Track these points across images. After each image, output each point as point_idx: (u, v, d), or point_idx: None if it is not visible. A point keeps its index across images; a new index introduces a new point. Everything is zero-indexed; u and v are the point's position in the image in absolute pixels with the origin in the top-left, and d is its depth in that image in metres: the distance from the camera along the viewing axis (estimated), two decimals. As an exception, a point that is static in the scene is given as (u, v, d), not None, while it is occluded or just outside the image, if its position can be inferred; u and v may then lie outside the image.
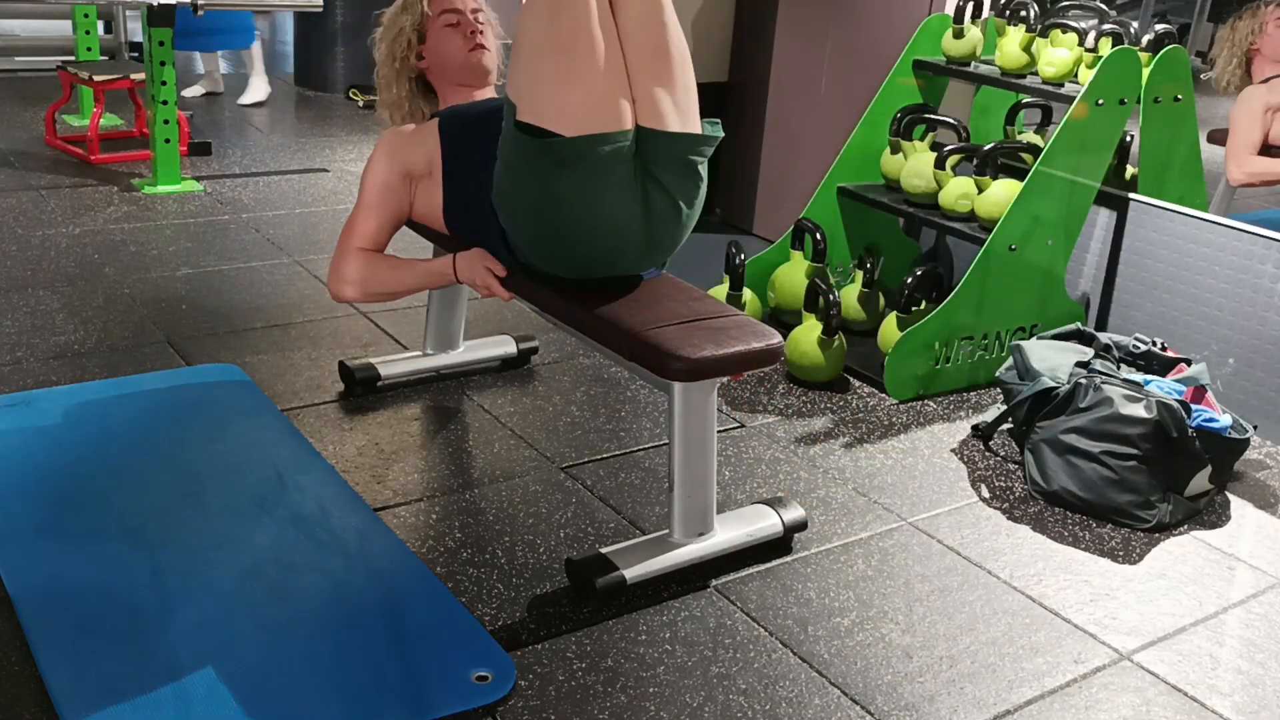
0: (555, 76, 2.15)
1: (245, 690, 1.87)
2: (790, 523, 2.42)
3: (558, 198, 2.20)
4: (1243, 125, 3.72)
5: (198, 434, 2.68)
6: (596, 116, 2.15)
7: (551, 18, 2.14)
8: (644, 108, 2.21)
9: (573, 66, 2.15)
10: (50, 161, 4.94)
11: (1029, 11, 3.49)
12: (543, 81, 2.16)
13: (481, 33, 2.65)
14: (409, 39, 2.66)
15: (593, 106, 2.16)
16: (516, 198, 2.26)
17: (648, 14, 2.19)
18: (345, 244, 2.54)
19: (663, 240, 2.31)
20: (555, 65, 2.15)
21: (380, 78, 2.73)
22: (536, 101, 2.16)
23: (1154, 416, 2.59)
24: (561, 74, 2.15)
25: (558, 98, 2.15)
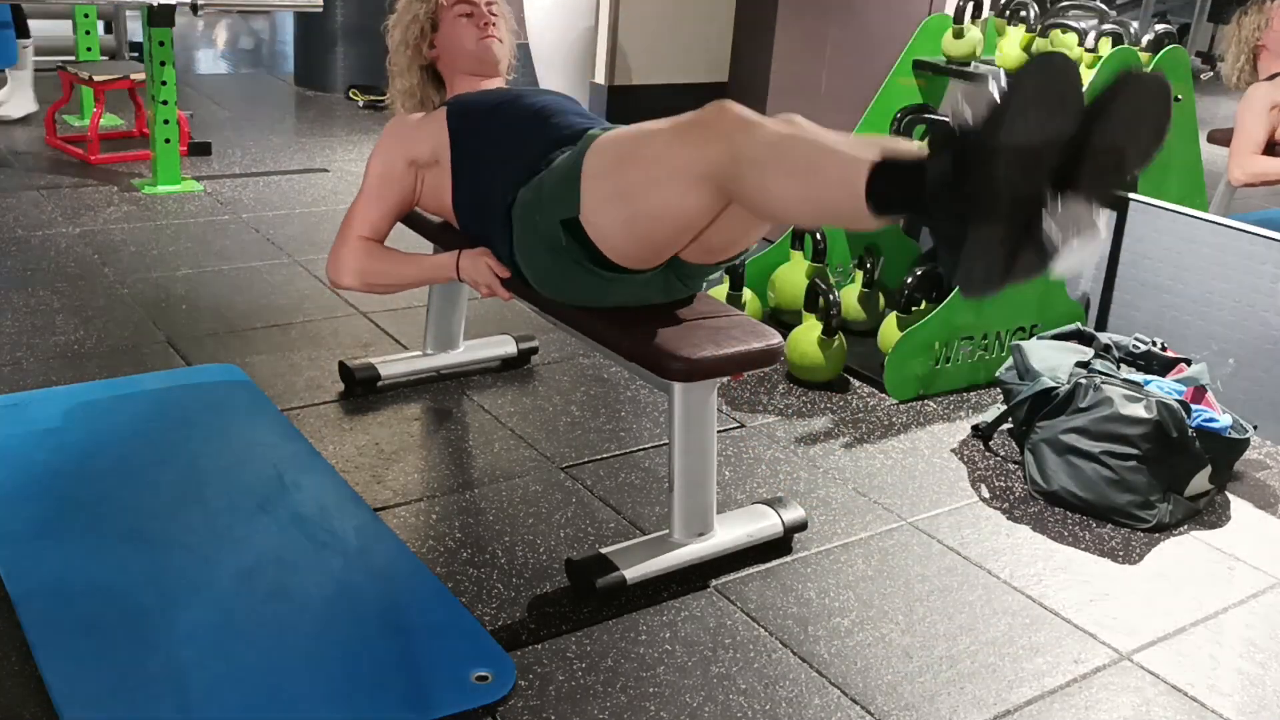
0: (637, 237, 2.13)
1: (245, 690, 1.87)
2: (790, 523, 2.42)
3: (577, 280, 2.24)
4: (1247, 124, 3.72)
5: (198, 434, 2.68)
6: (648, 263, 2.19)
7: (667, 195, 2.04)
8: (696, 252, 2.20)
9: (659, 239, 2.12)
10: (50, 161, 4.94)
11: (1029, 11, 3.49)
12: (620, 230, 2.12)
13: (494, 24, 2.67)
14: (422, 26, 2.67)
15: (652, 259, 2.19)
16: (534, 253, 2.29)
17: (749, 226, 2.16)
18: (346, 231, 2.55)
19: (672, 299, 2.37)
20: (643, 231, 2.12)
21: (392, 65, 2.74)
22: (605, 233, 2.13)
23: (1154, 416, 2.59)
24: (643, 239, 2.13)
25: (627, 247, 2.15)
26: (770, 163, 1.90)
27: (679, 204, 2.04)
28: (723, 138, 1.94)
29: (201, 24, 9.16)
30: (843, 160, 1.83)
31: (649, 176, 2.05)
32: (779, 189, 1.91)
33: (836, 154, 1.85)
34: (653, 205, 2.06)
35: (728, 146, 1.93)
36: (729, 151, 1.93)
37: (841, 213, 1.92)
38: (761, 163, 1.91)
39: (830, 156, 1.85)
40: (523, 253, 2.32)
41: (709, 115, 1.99)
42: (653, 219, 2.08)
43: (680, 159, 2.00)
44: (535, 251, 2.28)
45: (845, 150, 1.85)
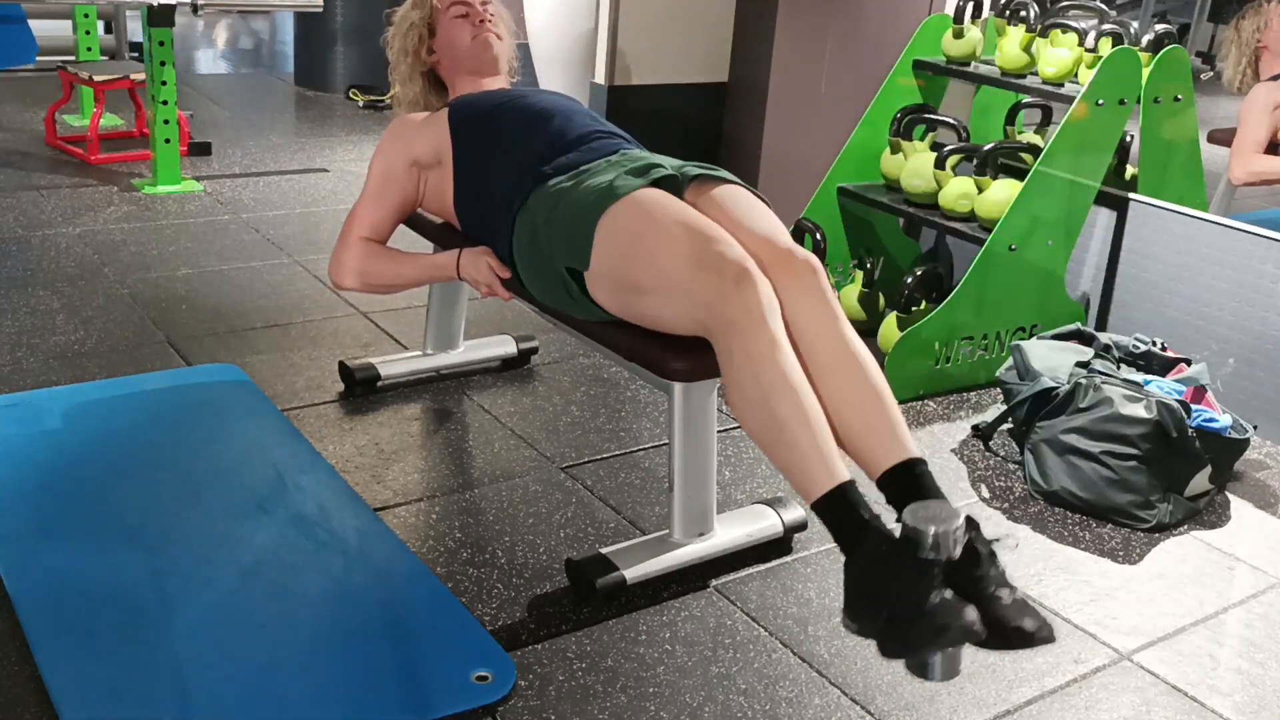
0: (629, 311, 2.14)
1: (245, 690, 1.87)
2: (790, 523, 2.42)
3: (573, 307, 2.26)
4: (1250, 123, 3.73)
5: (198, 434, 2.68)
6: None
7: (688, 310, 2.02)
8: None
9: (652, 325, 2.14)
10: (50, 161, 4.94)
11: (1029, 11, 3.49)
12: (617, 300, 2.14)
13: (489, 21, 2.69)
14: (420, 33, 2.69)
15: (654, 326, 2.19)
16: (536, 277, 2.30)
17: None
18: (347, 232, 2.55)
19: None
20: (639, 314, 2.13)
21: (395, 74, 2.76)
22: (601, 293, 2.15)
23: (1154, 416, 2.59)
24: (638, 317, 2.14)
25: (619, 312, 2.16)
26: (749, 390, 1.89)
27: (669, 320, 2.07)
28: (727, 310, 1.92)
29: (201, 24, 9.16)
30: (814, 459, 1.83)
31: (651, 284, 2.05)
32: (745, 415, 1.92)
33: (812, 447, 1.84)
34: (646, 307, 2.09)
35: (727, 324, 1.92)
36: (725, 330, 1.93)
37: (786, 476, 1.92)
38: (738, 380, 1.91)
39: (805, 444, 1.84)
40: (523, 262, 2.32)
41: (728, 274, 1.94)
42: (644, 313, 2.11)
43: (684, 292, 2.00)
44: (535, 269, 2.29)
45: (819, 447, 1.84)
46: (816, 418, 1.87)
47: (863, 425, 1.92)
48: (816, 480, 1.82)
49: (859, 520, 1.78)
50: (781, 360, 1.89)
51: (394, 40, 2.73)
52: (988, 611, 1.67)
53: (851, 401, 1.93)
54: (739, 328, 1.90)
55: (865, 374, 1.95)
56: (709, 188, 2.20)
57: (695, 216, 2.07)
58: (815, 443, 1.84)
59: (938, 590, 1.65)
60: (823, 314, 1.98)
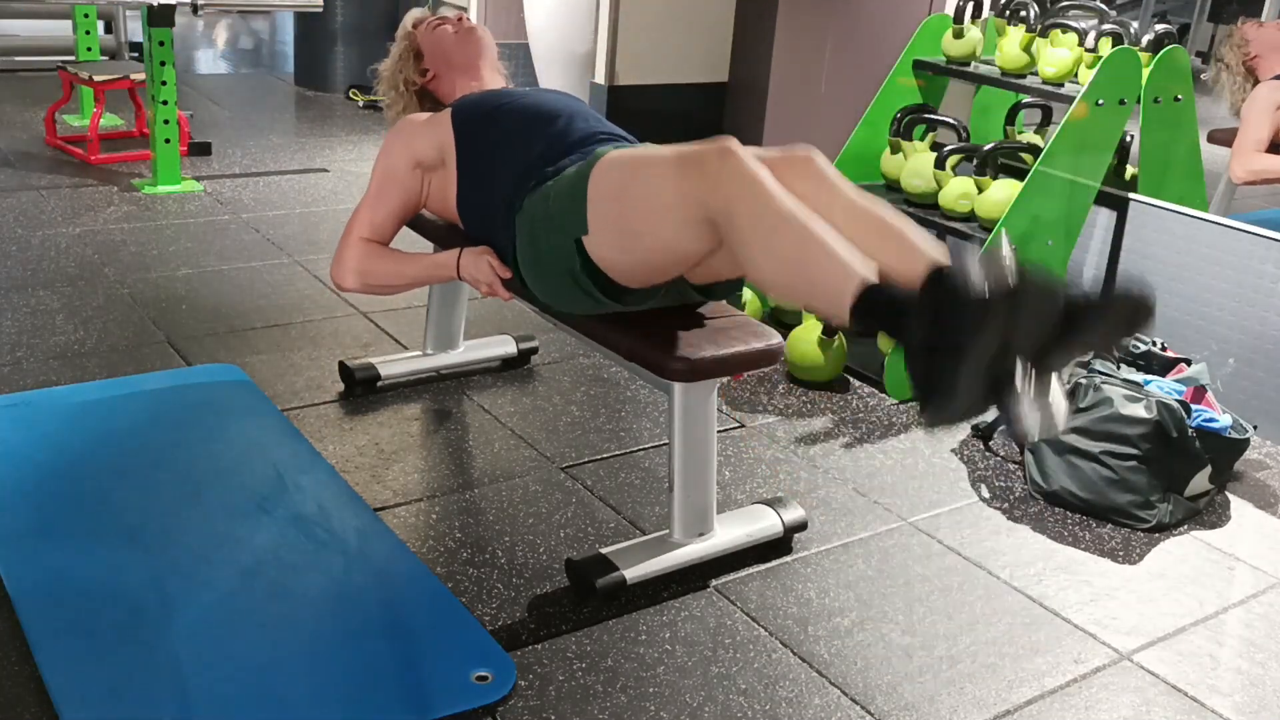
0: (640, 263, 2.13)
1: (245, 690, 1.87)
2: (790, 523, 2.42)
3: (578, 300, 2.25)
4: (1252, 122, 3.73)
5: (198, 434, 2.68)
6: (652, 284, 2.18)
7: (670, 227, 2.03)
8: (700, 274, 2.18)
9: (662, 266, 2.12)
10: (50, 161, 4.94)
11: (1029, 11, 3.49)
12: (624, 258, 2.12)
13: (466, 20, 2.81)
14: (409, 60, 2.77)
15: (656, 283, 2.18)
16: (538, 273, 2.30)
17: None
18: (349, 232, 2.56)
19: None
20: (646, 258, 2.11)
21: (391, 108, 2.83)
22: (609, 258, 2.14)
23: (1154, 416, 2.59)
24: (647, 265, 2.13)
25: (631, 272, 2.15)
26: (759, 240, 1.89)
27: (676, 237, 2.04)
28: (720, 188, 1.92)
29: (201, 24, 9.16)
30: (834, 268, 1.82)
31: (648, 207, 2.05)
32: (765, 269, 1.91)
33: (829, 257, 1.83)
34: (651, 235, 2.07)
35: (724, 199, 1.92)
36: (724, 205, 1.92)
37: (819, 311, 1.91)
38: (750, 238, 1.90)
39: (822, 258, 1.83)
40: (525, 264, 2.32)
41: (710, 157, 1.96)
42: (651, 249, 2.09)
43: (677, 196, 1.99)
44: (538, 268, 2.28)
45: (839, 255, 1.82)
46: (831, 237, 1.86)
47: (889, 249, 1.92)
48: (845, 288, 1.79)
49: (900, 299, 1.74)
50: (781, 202, 1.89)
51: (385, 79, 2.82)
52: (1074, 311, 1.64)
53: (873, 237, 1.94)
54: (734, 196, 1.91)
55: (879, 214, 1.98)
56: None
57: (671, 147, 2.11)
58: (835, 257, 1.82)
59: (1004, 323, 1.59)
60: (828, 188, 2.01)
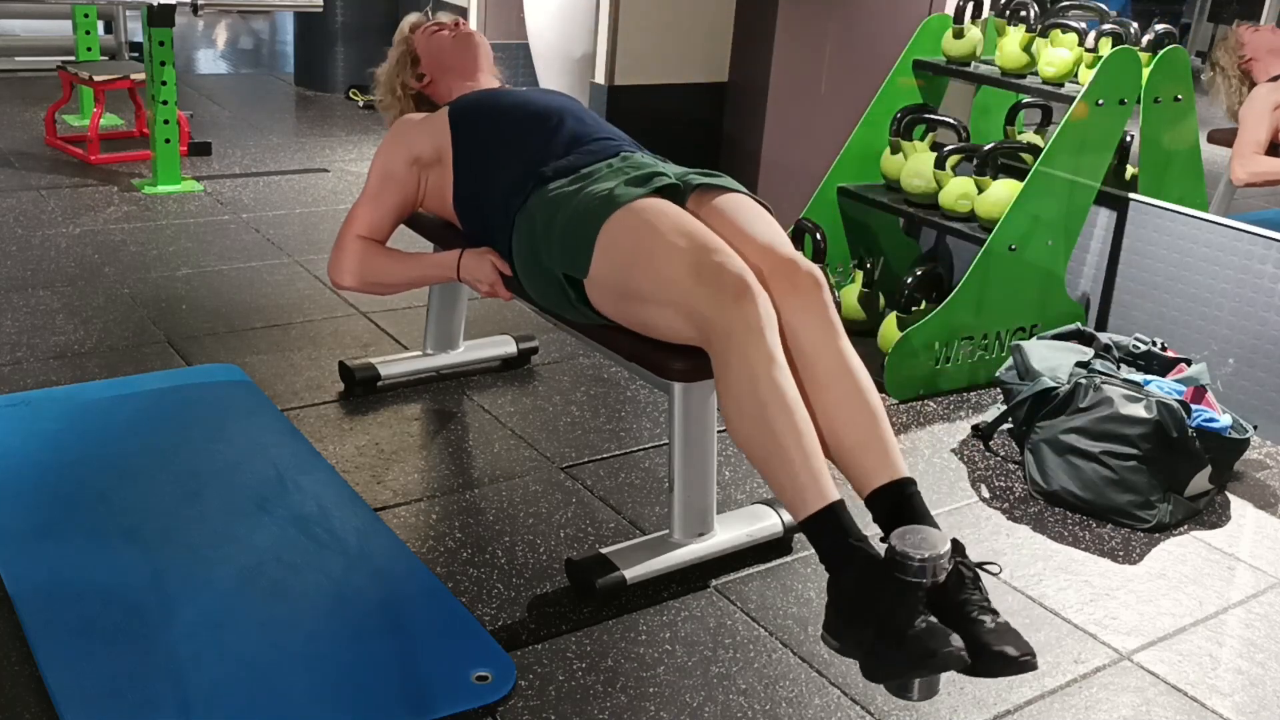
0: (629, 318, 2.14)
1: (245, 690, 1.87)
2: (790, 523, 2.42)
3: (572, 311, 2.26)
4: (1250, 123, 3.73)
5: (198, 434, 2.68)
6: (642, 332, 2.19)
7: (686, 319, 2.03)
8: None
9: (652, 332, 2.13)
10: (50, 161, 4.94)
11: (1029, 11, 3.49)
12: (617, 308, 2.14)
13: (464, 25, 2.82)
14: (406, 65, 2.79)
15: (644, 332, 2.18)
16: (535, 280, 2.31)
17: None
18: (346, 231, 2.56)
19: None
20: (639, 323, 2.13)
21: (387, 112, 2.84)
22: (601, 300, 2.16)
23: (1154, 416, 2.59)
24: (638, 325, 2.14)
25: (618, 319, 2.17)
26: (745, 402, 1.91)
27: (668, 329, 2.07)
28: (724, 320, 1.93)
29: (201, 24, 9.16)
30: (801, 473, 1.86)
31: (650, 292, 2.06)
32: (739, 426, 1.93)
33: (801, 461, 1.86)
34: (645, 314, 2.09)
35: (724, 334, 1.93)
36: (722, 340, 1.93)
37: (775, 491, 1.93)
38: (737, 393, 1.92)
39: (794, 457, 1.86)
40: (521, 265, 2.32)
41: (727, 289, 1.94)
42: (644, 320, 2.11)
43: (683, 302, 2.00)
44: (534, 274, 2.29)
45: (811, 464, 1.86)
46: (809, 435, 1.89)
47: (856, 441, 1.94)
48: (807, 498, 1.84)
49: (847, 541, 1.80)
50: (777, 376, 1.90)
51: (382, 85, 2.83)
52: (971, 636, 1.69)
53: (846, 417, 1.95)
54: (737, 341, 1.91)
55: (861, 391, 1.97)
56: (711, 196, 2.20)
57: (696, 226, 2.07)
58: (807, 460, 1.86)
59: (922, 615, 1.67)
60: (823, 328, 1.99)
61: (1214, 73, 3.96)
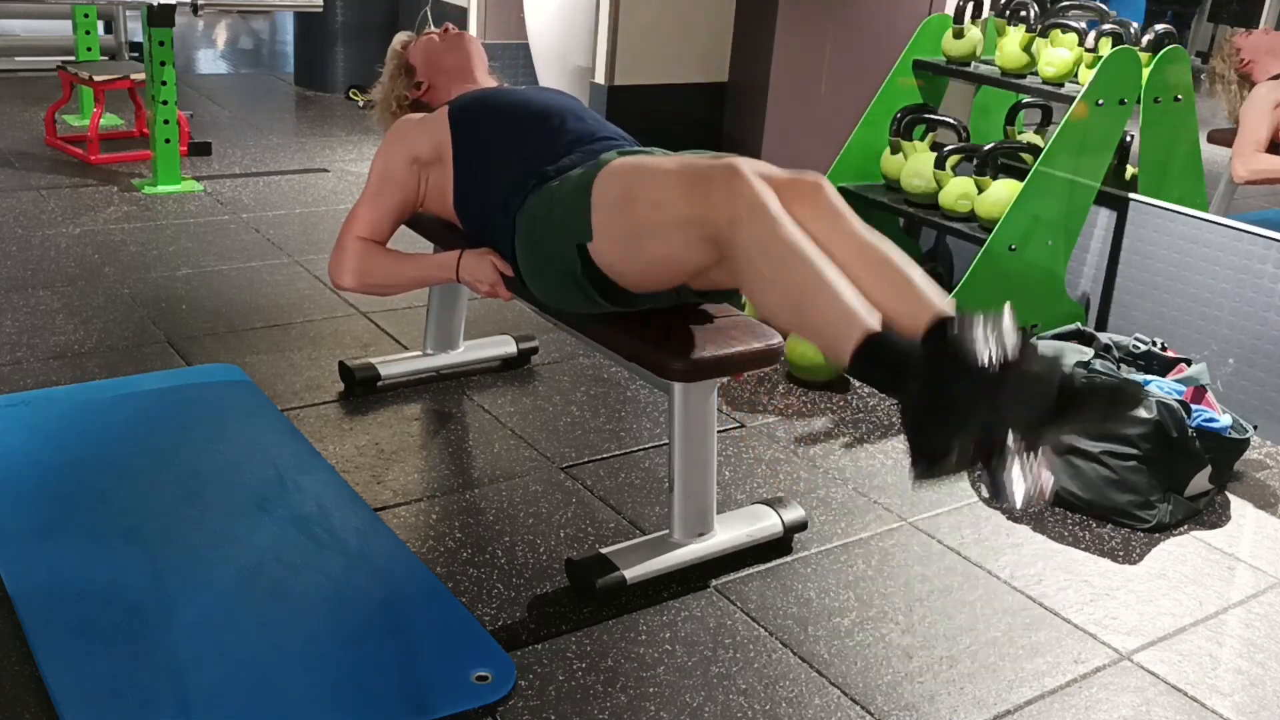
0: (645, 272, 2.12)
1: (245, 690, 1.87)
2: (790, 523, 2.42)
3: (578, 302, 2.24)
4: (1250, 122, 3.74)
5: (198, 434, 2.68)
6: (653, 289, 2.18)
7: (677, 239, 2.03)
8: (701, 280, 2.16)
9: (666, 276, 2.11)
10: (50, 161, 4.94)
11: (1029, 11, 3.49)
12: (630, 265, 2.12)
13: (453, 27, 2.84)
14: (400, 77, 2.79)
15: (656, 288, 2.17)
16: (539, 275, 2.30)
17: None
18: (347, 231, 2.55)
19: None
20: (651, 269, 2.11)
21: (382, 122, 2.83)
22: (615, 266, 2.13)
23: (1154, 416, 2.59)
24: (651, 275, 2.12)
25: (637, 280, 2.14)
26: (763, 270, 1.89)
27: (679, 251, 2.05)
28: (725, 210, 1.92)
29: (201, 24, 9.16)
30: (838, 312, 1.82)
31: (652, 221, 2.05)
32: (766, 298, 1.92)
33: (834, 299, 1.83)
34: (654, 247, 2.07)
35: (728, 221, 1.92)
36: (728, 228, 1.92)
37: (820, 346, 1.91)
38: (752, 266, 1.91)
39: (827, 299, 1.83)
40: (525, 262, 2.32)
41: (717, 177, 1.95)
42: (654, 260, 2.09)
43: (683, 213, 1.99)
44: (538, 267, 2.29)
45: (844, 299, 1.83)
46: (836, 277, 1.86)
47: (893, 292, 1.92)
48: (848, 334, 1.79)
49: (901, 352, 1.75)
50: (787, 233, 1.89)
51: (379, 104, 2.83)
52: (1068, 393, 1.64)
53: (873, 281, 1.93)
54: (740, 220, 1.91)
55: (885, 253, 1.97)
56: None
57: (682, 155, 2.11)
58: (839, 300, 1.82)
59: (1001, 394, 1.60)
60: (833, 218, 2.00)
61: (1214, 83, 3.97)
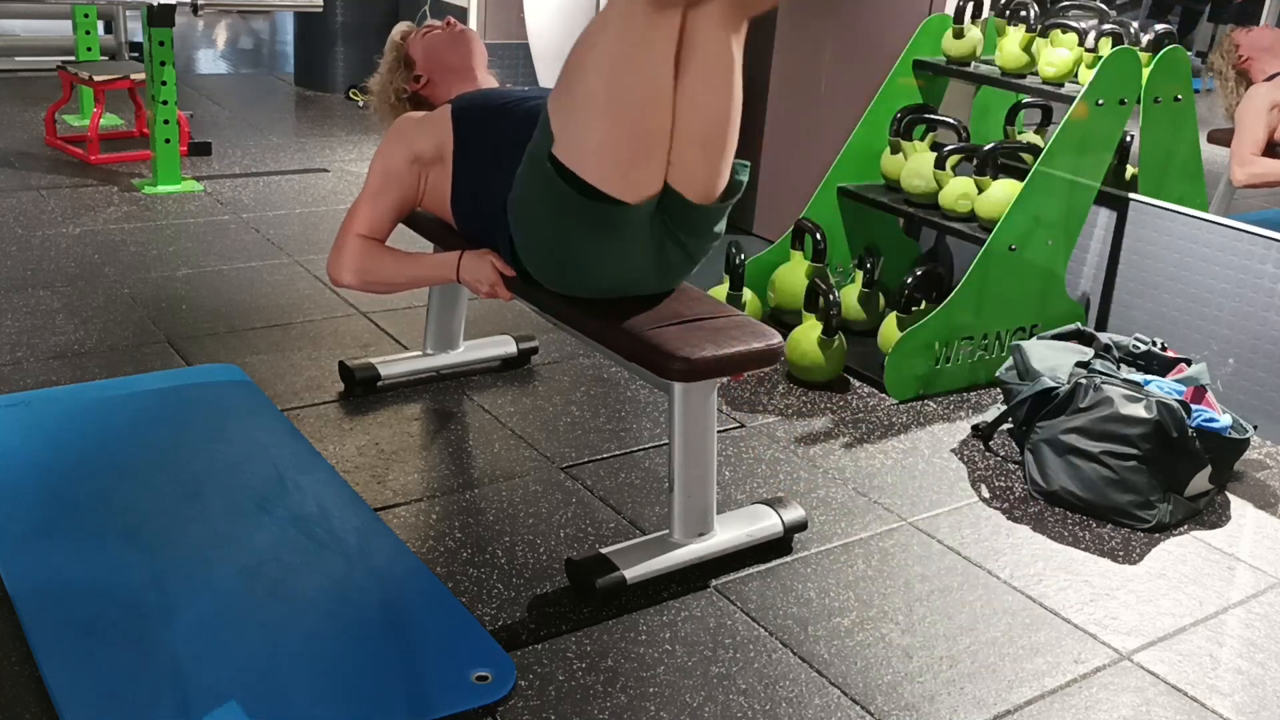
0: (606, 135, 2.10)
1: (245, 690, 1.87)
2: (790, 523, 2.42)
3: (571, 236, 2.21)
4: (1247, 124, 3.73)
5: (198, 434, 2.68)
6: (631, 183, 2.13)
7: (617, 67, 2.05)
8: (679, 170, 2.14)
9: (624, 125, 2.09)
10: (50, 161, 4.94)
11: (1029, 11, 3.49)
12: (588, 128, 2.10)
13: (455, 23, 2.82)
14: (399, 69, 2.77)
15: (631, 171, 2.13)
16: (529, 220, 2.27)
17: (717, 87, 2.10)
18: (347, 228, 2.55)
19: (671, 280, 2.34)
20: (607, 117, 2.09)
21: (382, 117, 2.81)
22: (576, 145, 2.12)
23: (1154, 416, 2.59)
24: (613, 135, 2.10)
25: (600, 152, 2.11)
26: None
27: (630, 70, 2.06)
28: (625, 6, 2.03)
29: (201, 24, 9.16)
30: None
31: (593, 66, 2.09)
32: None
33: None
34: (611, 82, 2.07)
35: None
36: None
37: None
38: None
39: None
40: (520, 236, 2.30)
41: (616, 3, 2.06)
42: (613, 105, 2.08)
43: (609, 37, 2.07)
44: (528, 224, 2.26)
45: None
46: None
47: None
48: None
49: None
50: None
51: (376, 95, 2.81)
52: None
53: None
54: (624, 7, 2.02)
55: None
56: None
57: None
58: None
59: None
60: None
61: (1215, 74, 3.97)
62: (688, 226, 2.22)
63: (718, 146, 2.14)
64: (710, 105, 2.09)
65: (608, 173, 2.11)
